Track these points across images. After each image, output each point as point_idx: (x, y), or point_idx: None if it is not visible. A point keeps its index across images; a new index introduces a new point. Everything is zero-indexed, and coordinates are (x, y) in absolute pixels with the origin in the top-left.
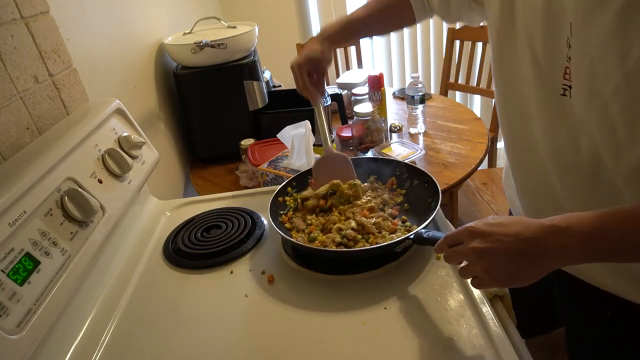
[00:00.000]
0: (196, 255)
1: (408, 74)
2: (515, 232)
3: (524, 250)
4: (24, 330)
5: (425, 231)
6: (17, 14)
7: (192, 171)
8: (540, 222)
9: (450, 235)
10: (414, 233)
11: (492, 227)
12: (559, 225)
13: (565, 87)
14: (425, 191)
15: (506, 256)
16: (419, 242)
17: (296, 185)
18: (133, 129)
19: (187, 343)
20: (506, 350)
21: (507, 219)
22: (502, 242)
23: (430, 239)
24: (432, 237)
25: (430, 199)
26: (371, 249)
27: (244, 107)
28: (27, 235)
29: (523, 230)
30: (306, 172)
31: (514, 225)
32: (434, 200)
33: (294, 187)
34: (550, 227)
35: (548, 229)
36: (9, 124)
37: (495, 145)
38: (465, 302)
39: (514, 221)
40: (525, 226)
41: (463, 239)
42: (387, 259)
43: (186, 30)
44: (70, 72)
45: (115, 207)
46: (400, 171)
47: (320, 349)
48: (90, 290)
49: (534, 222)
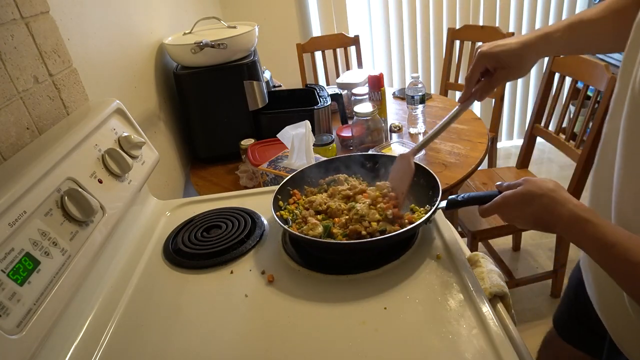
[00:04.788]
0: (196, 255)
1: (408, 74)
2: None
3: (544, 228)
4: (24, 330)
5: (457, 195)
6: (17, 14)
7: (192, 171)
8: (561, 214)
9: (490, 209)
10: (447, 200)
11: (520, 206)
12: (571, 228)
13: None
14: (425, 184)
15: (529, 226)
16: (453, 206)
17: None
18: (133, 129)
19: (187, 343)
20: (506, 350)
21: (539, 192)
22: (527, 224)
23: (466, 200)
24: (469, 197)
25: (430, 191)
26: (402, 232)
27: (244, 107)
28: (27, 235)
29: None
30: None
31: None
32: (434, 192)
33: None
34: (567, 226)
35: (565, 226)
36: (9, 124)
37: (495, 145)
38: (465, 302)
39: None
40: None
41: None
42: (387, 259)
43: (186, 30)
44: (70, 72)
45: (115, 207)
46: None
47: (320, 349)
48: (90, 290)
49: (555, 213)
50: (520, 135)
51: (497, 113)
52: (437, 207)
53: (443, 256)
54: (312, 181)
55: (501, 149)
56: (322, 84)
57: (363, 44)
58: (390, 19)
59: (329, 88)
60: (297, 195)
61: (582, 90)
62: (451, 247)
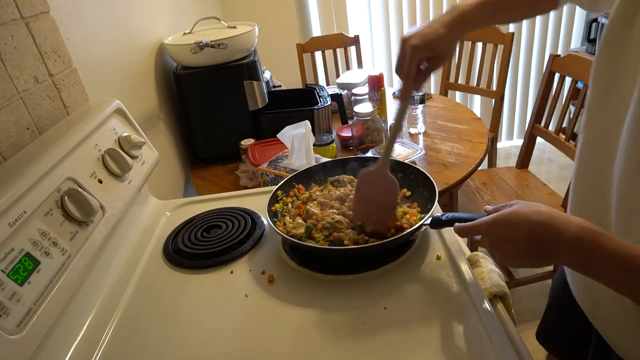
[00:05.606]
0: (196, 255)
1: None
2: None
3: (540, 254)
4: (24, 330)
5: (442, 214)
6: (17, 14)
7: (192, 171)
8: (568, 229)
9: (474, 228)
10: (429, 217)
11: (509, 229)
12: (582, 241)
13: None
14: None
15: (521, 259)
16: (437, 226)
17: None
18: (133, 129)
19: (187, 343)
20: (506, 350)
21: (530, 215)
22: (520, 254)
23: (449, 220)
24: (452, 218)
25: (422, 188)
26: (389, 241)
27: (244, 107)
28: (27, 235)
29: (543, 234)
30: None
31: (537, 229)
32: (427, 190)
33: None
34: (577, 240)
35: (573, 241)
36: (9, 124)
37: (495, 145)
38: (465, 302)
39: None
40: (551, 230)
41: (482, 232)
42: (387, 259)
43: (186, 30)
44: (70, 72)
45: (115, 207)
46: None
47: (320, 349)
48: (90, 290)
49: (561, 228)
50: (520, 135)
51: (497, 113)
52: (423, 222)
53: (443, 256)
54: (321, 179)
55: (501, 149)
56: (322, 84)
57: (363, 44)
58: (390, 19)
59: (329, 88)
60: (301, 191)
61: (582, 90)
62: (451, 247)
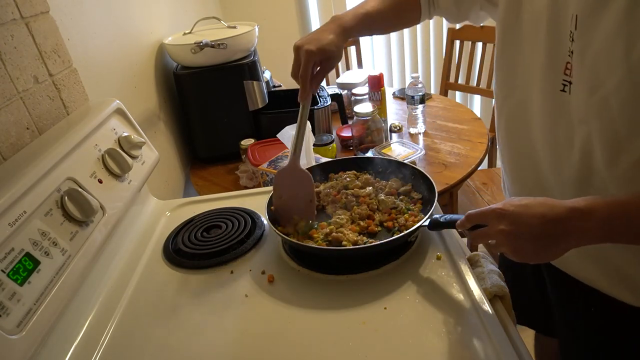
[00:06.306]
0: (196, 255)
1: (408, 74)
2: (540, 214)
3: (550, 233)
4: (24, 330)
5: (441, 216)
6: (17, 14)
7: (192, 171)
8: (563, 204)
9: (474, 215)
10: (427, 219)
11: (518, 208)
12: (581, 209)
13: (565, 82)
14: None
15: (532, 238)
16: (436, 227)
17: None
18: (133, 129)
19: (187, 343)
20: (506, 350)
21: (531, 200)
22: (529, 226)
23: (448, 222)
24: (450, 220)
25: (422, 189)
26: (388, 241)
27: (244, 107)
28: (27, 235)
29: (547, 212)
30: None
31: (539, 207)
32: (427, 190)
33: None
34: (573, 209)
35: (571, 212)
36: (9, 124)
37: (495, 145)
38: (465, 302)
39: (539, 203)
40: (550, 207)
41: (489, 220)
42: (387, 259)
43: (186, 30)
44: (70, 72)
45: (115, 207)
46: (382, 168)
47: (320, 349)
48: (90, 290)
49: (557, 204)
50: None
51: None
52: (422, 224)
53: (443, 256)
54: (321, 179)
55: None
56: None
57: (363, 44)
58: None
59: (329, 88)
60: None
61: None
62: (451, 247)
